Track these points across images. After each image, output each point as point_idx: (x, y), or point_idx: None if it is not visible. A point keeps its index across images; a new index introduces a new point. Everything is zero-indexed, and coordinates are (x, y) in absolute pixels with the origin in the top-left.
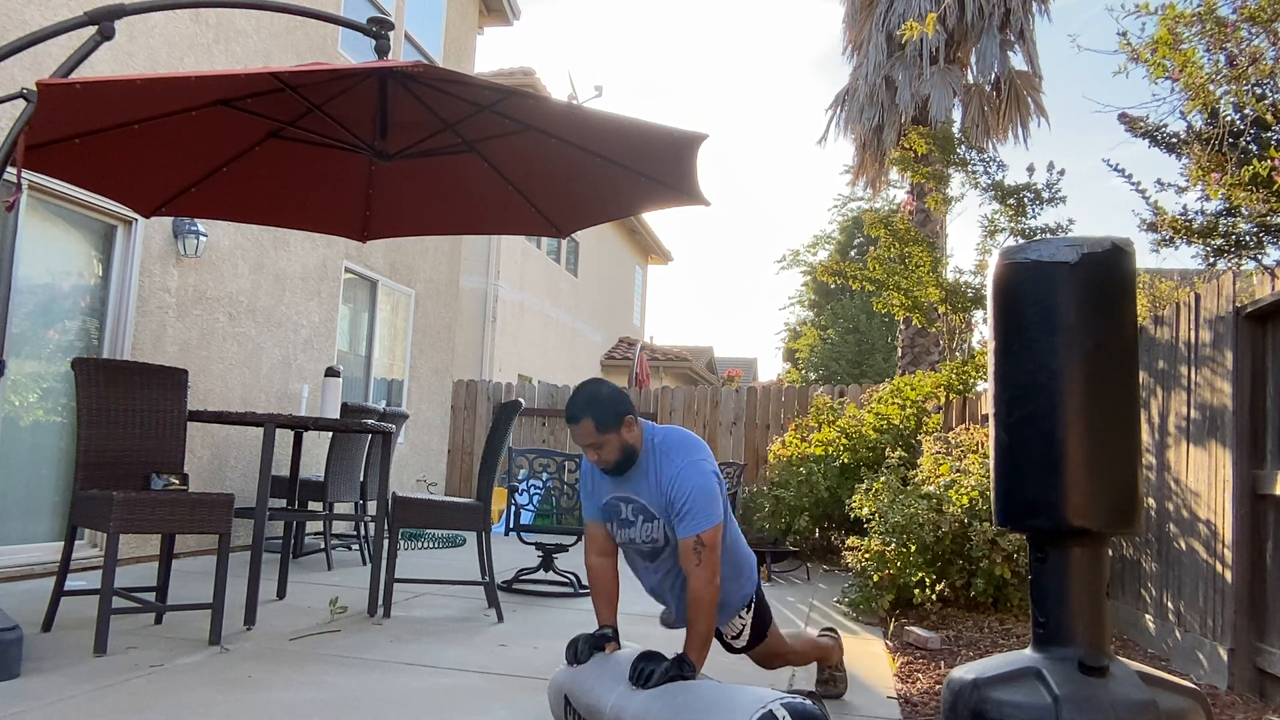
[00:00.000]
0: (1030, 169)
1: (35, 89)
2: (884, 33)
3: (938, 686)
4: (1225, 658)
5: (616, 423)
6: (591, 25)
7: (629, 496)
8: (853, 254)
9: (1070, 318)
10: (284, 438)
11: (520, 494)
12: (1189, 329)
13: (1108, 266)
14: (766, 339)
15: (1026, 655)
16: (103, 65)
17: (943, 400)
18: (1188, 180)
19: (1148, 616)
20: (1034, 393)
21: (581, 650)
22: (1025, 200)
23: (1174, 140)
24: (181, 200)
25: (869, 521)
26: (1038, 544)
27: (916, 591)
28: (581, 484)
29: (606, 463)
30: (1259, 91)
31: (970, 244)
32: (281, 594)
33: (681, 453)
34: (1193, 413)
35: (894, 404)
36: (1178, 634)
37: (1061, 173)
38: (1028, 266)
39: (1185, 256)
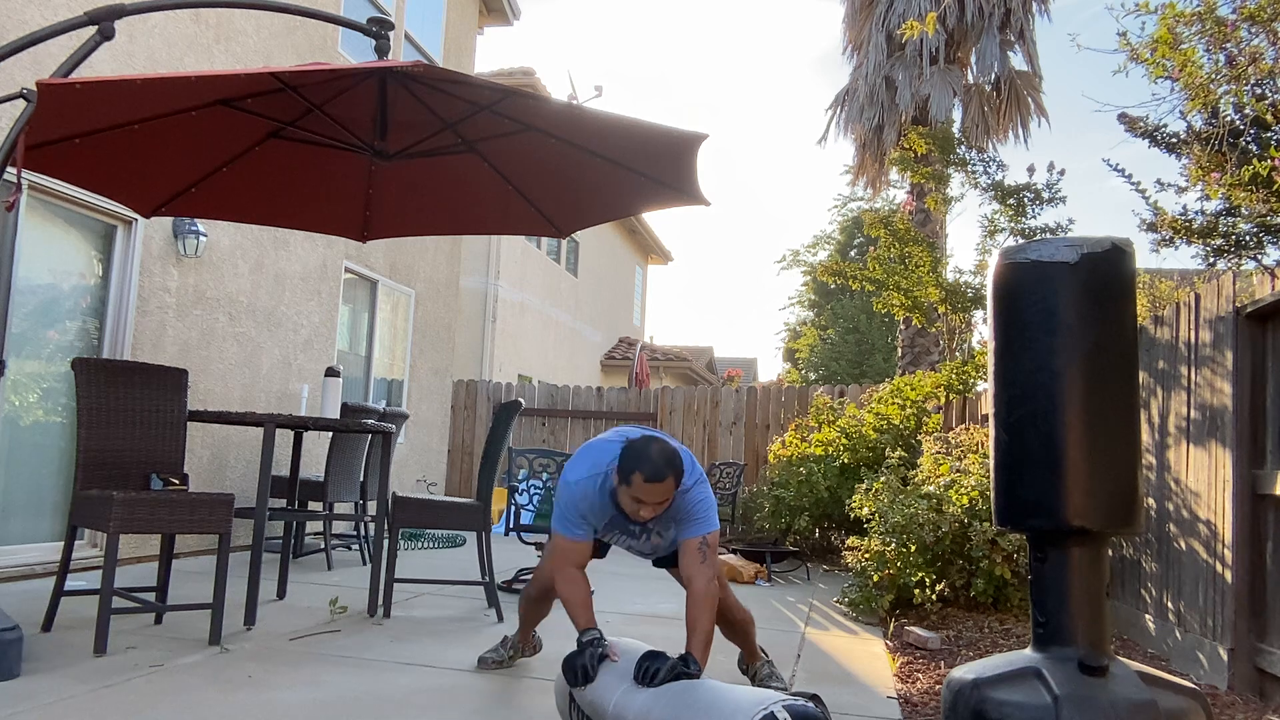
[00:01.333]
0: (1030, 169)
1: (35, 89)
2: (884, 33)
3: (938, 686)
4: (1225, 658)
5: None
6: (591, 25)
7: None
8: (853, 254)
9: (1070, 318)
10: (284, 438)
11: (520, 494)
12: (1189, 329)
13: (1108, 266)
14: (766, 339)
15: (1026, 655)
16: (103, 65)
17: (943, 400)
18: (1188, 180)
19: (1148, 616)
20: (1034, 393)
21: (590, 667)
22: (1025, 200)
23: (1174, 140)
24: (181, 200)
25: (869, 521)
26: (1037, 544)
27: (916, 591)
28: (571, 507)
29: (655, 515)
30: (1259, 91)
31: (970, 244)
32: (281, 594)
33: (689, 475)
34: (1193, 413)
35: (894, 404)
36: (1178, 634)
37: (1062, 173)
38: (1028, 266)
39: (1185, 256)
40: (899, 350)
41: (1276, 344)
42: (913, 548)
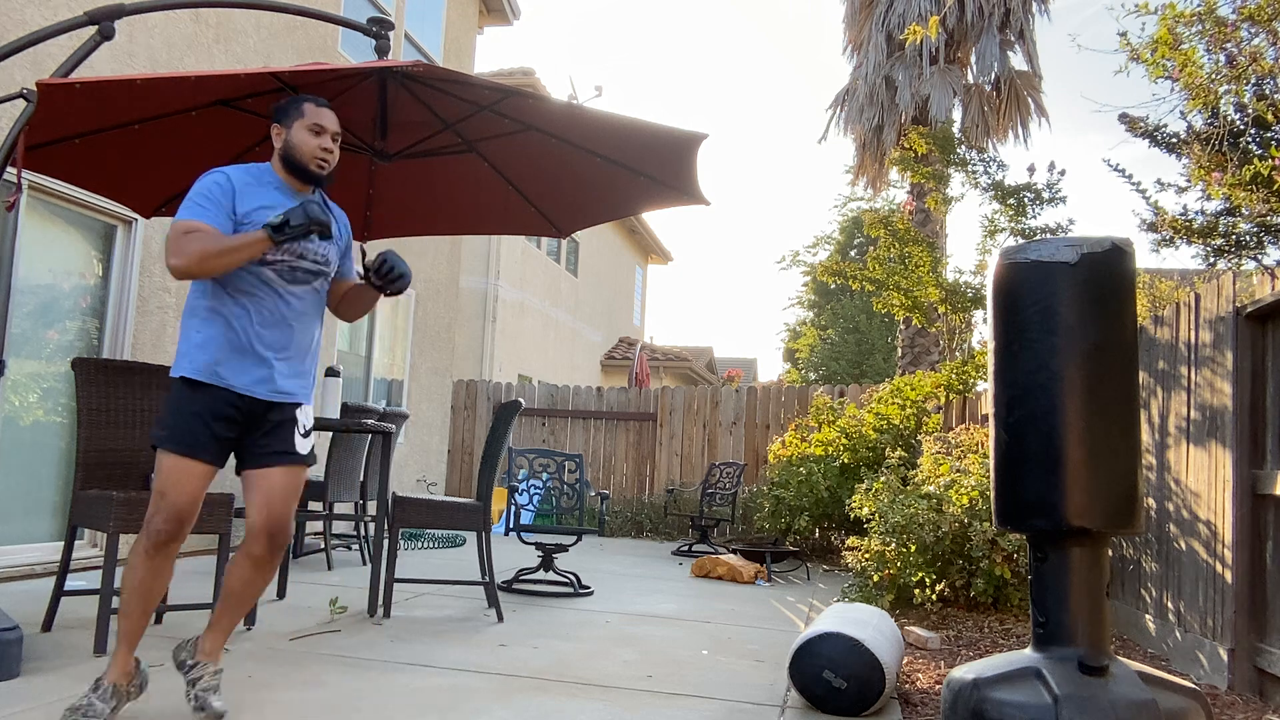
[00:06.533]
0: (1030, 169)
1: (35, 89)
2: (884, 33)
3: (938, 686)
4: (1225, 658)
5: None
6: (591, 25)
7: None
8: (853, 254)
9: (1070, 318)
10: None
11: (520, 494)
12: (1189, 329)
13: (1108, 266)
14: (766, 339)
15: (1026, 655)
16: (103, 65)
17: (943, 400)
18: (1188, 180)
19: (1148, 616)
20: (1034, 393)
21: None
22: (1025, 200)
23: (1174, 140)
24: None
25: (869, 521)
26: (1038, 544)
27: (916, 591)
28: (220, 193)
29: (332, 162)
30: (1259, 91)
31: (970, 244)
32: (281, 594)
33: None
34: (1193, 413)
35: (894, 404)
36: (1178, 634)
37: (1062, 173)
38: (1028, 266)
39: (1185, 256)
40: (899, 350)
41: (1276, 344)
42: (913, 548)
